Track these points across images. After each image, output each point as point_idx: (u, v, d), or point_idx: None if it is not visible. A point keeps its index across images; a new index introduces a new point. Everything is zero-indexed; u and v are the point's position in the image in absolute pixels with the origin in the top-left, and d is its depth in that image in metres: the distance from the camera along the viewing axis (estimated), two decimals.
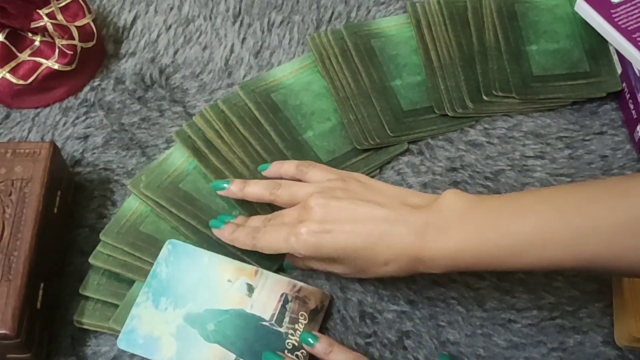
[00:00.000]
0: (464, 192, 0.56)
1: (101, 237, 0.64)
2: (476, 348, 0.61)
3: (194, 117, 0.70)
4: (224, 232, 0.62)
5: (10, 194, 0.60)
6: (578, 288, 0.63)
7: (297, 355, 0.59)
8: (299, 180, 0.63)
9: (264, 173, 0.66)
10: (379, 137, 0.70)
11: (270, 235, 0.59)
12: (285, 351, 0.58)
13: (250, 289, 0.61)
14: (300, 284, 0.62)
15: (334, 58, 0.75)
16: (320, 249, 0.57)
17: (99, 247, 0.64)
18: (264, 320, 0.60)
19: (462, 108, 0.72)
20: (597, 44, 0.76)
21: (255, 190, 0.63)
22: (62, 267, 0.65)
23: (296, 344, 0.59)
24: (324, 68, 0.74)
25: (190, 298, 0.60)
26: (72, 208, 0.68)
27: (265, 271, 0.62)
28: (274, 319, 0.60)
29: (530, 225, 0.52)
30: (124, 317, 0.60)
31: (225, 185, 0.64)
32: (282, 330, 0.59)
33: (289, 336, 0.59)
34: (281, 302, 0.61)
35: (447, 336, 0.62)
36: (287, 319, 0.60)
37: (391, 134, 0.71)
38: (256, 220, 0.63)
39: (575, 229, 0.51)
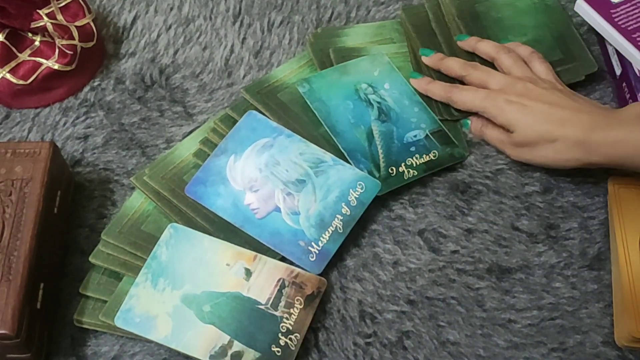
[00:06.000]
0: None
1: (103, 236, 0.64)
2: (476, 348, 0.61)
3: (207, 135, 0.70)
4: (421, 83, 0.72)
5: (10, 194, 0.60)
6: (578, 288, 0.64)
7: (290, 339, 0.59)
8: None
9: (460, 44, 0.75)
10: None
11: (467, 93, 0.69)
12: (280, 334, 0.59)
13: (248, 273, 0.62)
14: (297, 269, 0.63)
15: None
16: (506, 114, 0.66)
17: (99, 246, 0.64)
18: (259, 303, 0.61)
19: (448, 115, 0.72)
20: (564, 29, 0.76)
21: (452, 64, 0.72)
22: (62, 267, 0.65)
23: (290, 328, 0.60)
24: None
25: (188, 280, 0.61)
26: (72, 208, 0.68)
27: (263, 256, 0.63)
28: (270, 302, 0.60)
29: None
30: (114, 310, 0.60)
31: (429, 54, 0.73)
32: (277, 314, 0.60)
33: (284, 320, 0.60)
34: (278, 287, 0.61)
35: (447, 336, 0.62)
36: (282, 303, 0.61)
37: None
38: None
39: None
